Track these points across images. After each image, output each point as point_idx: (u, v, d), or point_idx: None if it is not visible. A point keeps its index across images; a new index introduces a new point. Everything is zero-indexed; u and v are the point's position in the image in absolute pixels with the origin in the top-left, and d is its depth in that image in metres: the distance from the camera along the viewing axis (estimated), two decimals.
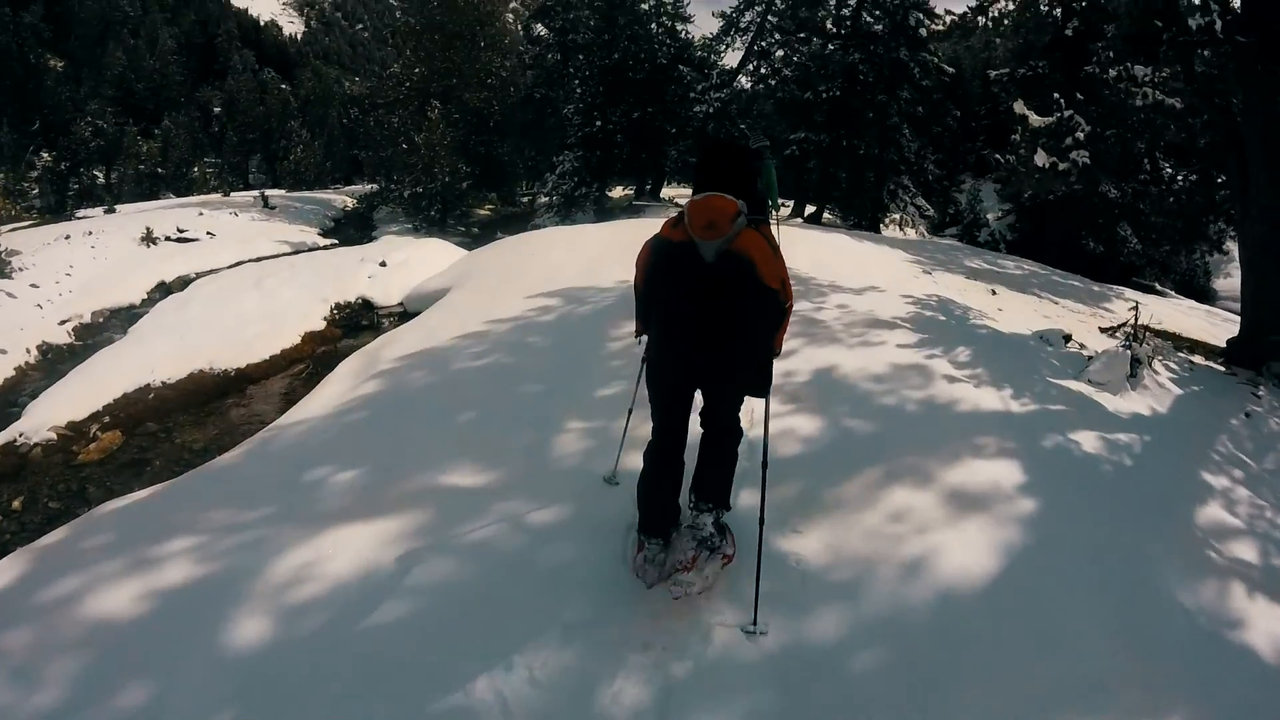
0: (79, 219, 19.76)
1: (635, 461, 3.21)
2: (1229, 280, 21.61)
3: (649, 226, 11.17)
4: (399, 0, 29.57)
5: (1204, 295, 20.83)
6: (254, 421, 6.41)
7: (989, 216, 28.40)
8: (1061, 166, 7.19)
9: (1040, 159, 7.19)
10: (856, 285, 7.85)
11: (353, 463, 4.00)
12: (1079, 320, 9.00)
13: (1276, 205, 6.80)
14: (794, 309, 2.99)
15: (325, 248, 17.78)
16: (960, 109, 26.88)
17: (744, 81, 29.19)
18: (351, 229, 23.99)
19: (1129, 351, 5.28)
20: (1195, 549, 3.40)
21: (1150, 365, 5.40)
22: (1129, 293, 14.36)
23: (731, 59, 28.71)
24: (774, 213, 8.25)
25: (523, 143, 30.18)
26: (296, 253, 16.20)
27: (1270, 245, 6.92)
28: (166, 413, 6.84)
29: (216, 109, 52.98)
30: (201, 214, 19.61)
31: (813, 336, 5.75)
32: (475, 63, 28.17)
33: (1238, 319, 15.69)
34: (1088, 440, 4.18)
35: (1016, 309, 8.64)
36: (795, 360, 5.15)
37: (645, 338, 3.01)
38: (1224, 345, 7.77)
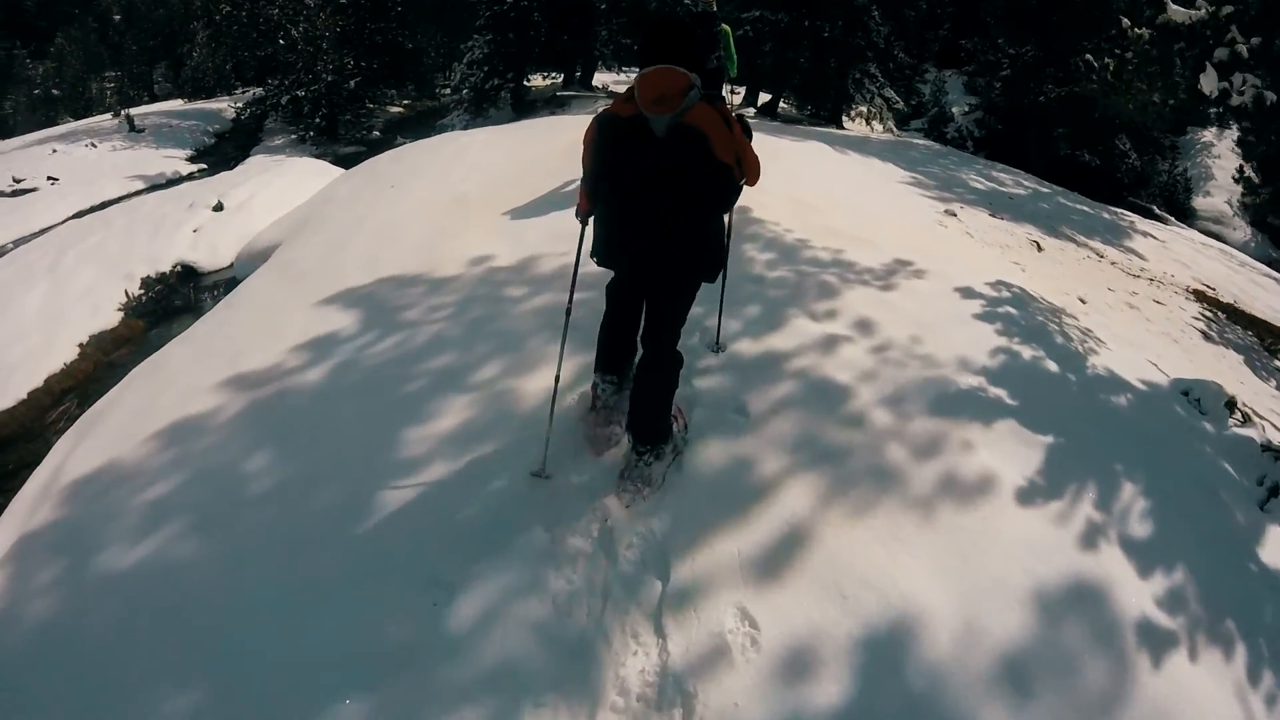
0: None
1: None
2: (1208, 200, 20.06)
3: (559, 133, 7.33)
4: None
5: (1185, 215, 18.99)
6: None
7: (954, 111, 26.05)
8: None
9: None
10: (875, 261, 5.07)
11: None
12: (1159, 300, 7.00)
13: None
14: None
15: (190, 178, 14.85)
16: None
17: None
18: (231, 147, 20.16)
19: None
20: None
21: None
22: (1140, 223, 12.43)
23: None
24: (729, 85, 5.88)
25: (434, 28, 25.75)
26: (154, 188, 13.71)
27: None
28: None
29: (117, 17, 44.94)
30: (55, 150, 17.05)
31: (834, 464, 2.86)
32: None
33: (1244, 256, 14.04)
34: None
35: (1091, 292, 6.71)
36: (804, 586, 2.38)
37: (589, 219, 2.73)
38: None
